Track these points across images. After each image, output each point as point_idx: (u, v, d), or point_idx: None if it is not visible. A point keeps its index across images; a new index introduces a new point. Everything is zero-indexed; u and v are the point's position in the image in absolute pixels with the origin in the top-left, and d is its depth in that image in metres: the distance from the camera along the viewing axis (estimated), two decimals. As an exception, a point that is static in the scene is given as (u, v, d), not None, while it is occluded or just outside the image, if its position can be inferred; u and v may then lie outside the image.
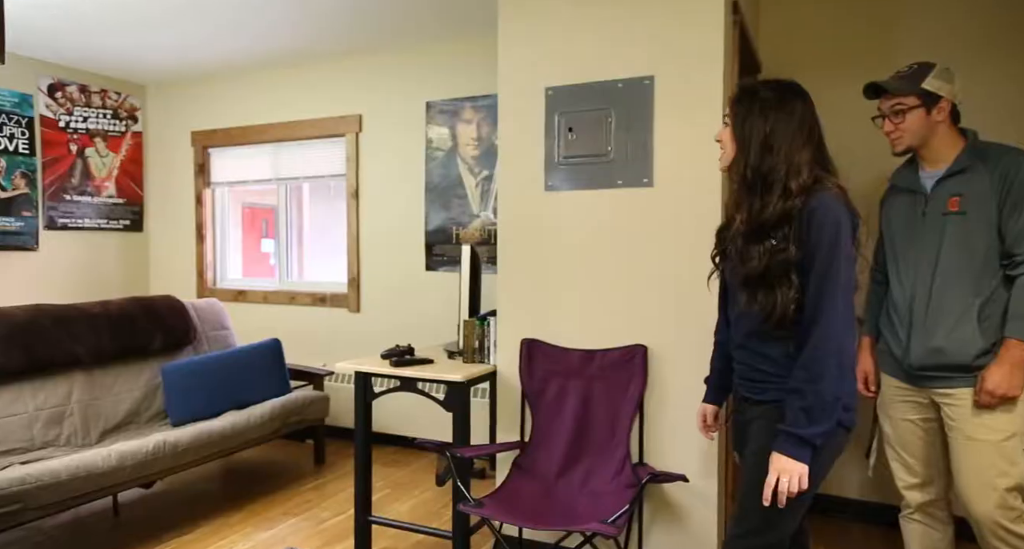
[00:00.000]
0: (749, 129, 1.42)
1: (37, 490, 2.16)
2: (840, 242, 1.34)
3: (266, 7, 3.07)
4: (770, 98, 1.42)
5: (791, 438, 1.34)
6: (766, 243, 1.39)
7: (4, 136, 3.74)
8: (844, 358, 1.36)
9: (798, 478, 1.32)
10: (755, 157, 1.41)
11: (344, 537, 2.60)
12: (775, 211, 1.38)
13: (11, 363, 2.61)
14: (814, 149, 1.42)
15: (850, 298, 1.37)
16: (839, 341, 1.34)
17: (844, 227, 1.35)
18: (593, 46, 2.24)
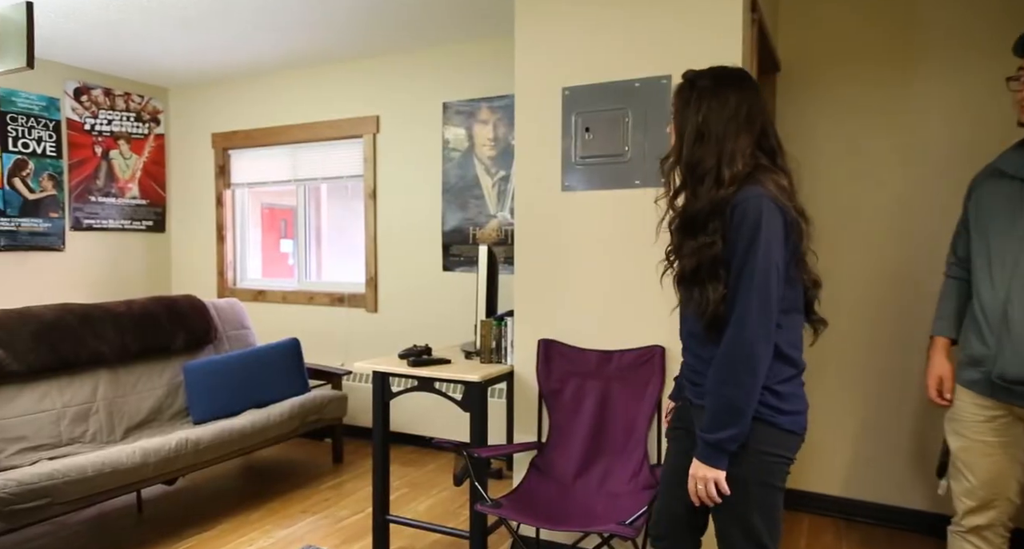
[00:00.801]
0: (684, 119, 1.38)
1: (64, 485, 2.21)
2: (758, 241, 1.27)
3: (285, 10, 3.10)
4: (706, 87, 1.37)
5: (703, 443, 1.32)
6: (699, 238, 1.34)
7: (32, 139, 3.82)
8: (755, 362, 1.28)
9: (713, 484, 1.31)
10: (688, 147, 1.36)
11: (362, 536, 2.61)
12: (705, 202, 1.33)
13: (39, 361, 2.67)
14: (754, 138, 1.35)
15: (767, 299, 1.27)
16: (749, 345, 1.27)
17: (767, 226, 1.27)
18: (610, 46, 2.23)
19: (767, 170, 1.34)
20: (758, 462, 1.32)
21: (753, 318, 1.28)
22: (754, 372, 1.28)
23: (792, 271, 1.34)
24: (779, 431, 1.33)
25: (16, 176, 3.76)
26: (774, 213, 1.28)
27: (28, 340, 2.65)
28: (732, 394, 1.29)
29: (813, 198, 2.79)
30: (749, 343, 1.28)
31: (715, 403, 1.31)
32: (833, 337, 2.75)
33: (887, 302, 2.68)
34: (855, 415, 2.74)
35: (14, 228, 3.75)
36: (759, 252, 1.27)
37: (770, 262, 1.27)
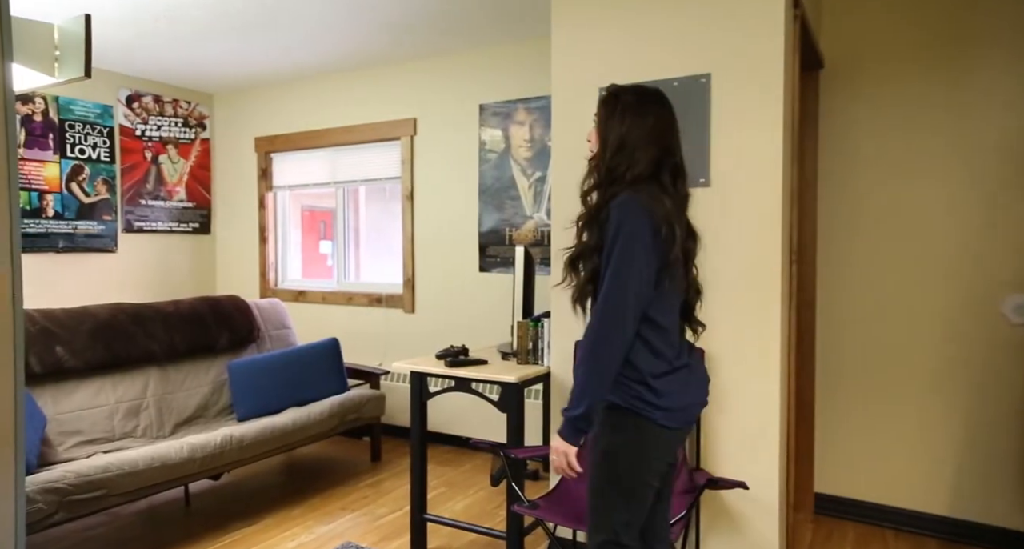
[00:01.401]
0: (608, 129, 1.51)
1: (118, 478, 2.30)
2: (618, 242, 1.38)
3: (325, 18, 3.17)
4: (630, 102, 1.51)
5: (563, 419, 1.44)
6: (590, 231, 1.48)
7: (88, 145, 3.99)
8: (601, 350, 1.38)
9: (564, 456, 1.42)
10: (610, 154, 1.49)
11: (400, 533, 2.65)
12: (601, 201, 1.48)
13: (95, 358, 2.78)
14: (659, 153, 1.48)
15: (623, 296, 1.38)
16: (596, 336, 1.39)
17: (631, 228, 1.38)
18: (648, 45, 2.21)
19: (652, 184, 1.46)
20: (628, 448, 1.44)
21: (606, 311, 1.39)
22: (598, 358, 1.39)
23: (665, 274, 1.44)
24: (653, 425, 1.43)
25: (73, 181, 3.93)
26: (640, 217, 1.40)
27: (85, 338, 2.76)
28: (584, 377, 1.40)
29: (857, 197, 2.72)
30: (600, 329, 1.40)
31: (574, 383, 1.43)
32: (873, 343, 2.68)
33: (944, 306, 2.59)
34: (908, 423, 2.66)
35: (71, 230, 3.92)
36: (620, 251, 1.39)
37: (630, 262, 1.39)
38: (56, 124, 3.84)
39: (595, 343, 1.40)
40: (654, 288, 1.42)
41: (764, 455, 2.06)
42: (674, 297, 1.49)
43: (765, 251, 2.05)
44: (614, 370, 1.40)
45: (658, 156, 1.48)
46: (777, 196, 2.03)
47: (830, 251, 2.79)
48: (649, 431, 1.43)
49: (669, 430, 1.44)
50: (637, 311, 1.40)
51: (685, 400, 1.47)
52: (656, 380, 1.42)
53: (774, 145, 2.03)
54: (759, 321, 2.06)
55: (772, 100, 2.03)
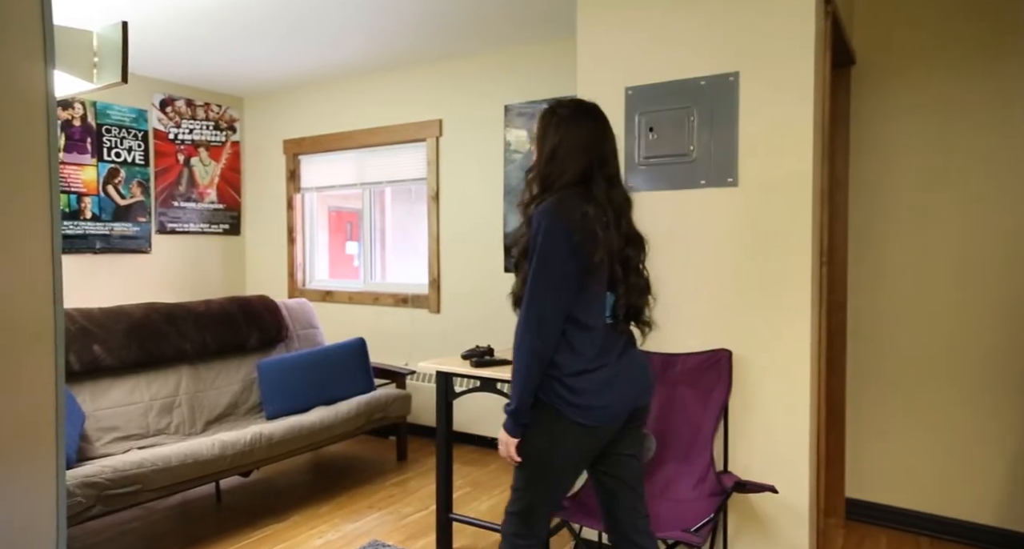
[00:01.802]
0: (544, 140, 1.60)
1: (152, 473, 2.35)
2: (537, 245, 1.47)
3: (351, 20, 3.20)
4: (564, 115, 1.60)
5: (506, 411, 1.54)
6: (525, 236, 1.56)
7: (124, 148, 4.09)
8: (522, 349, 1.48)
9: (506, 446, 1.54)
10: (544, 163, 1.59)
11: (426, 532, 2.67)
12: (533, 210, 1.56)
13: (130, 356, 2.85)
14: (589, 162, 1.56)
15: (541, 298, 1.46)
16: (521, 335, 1.48)
17: (548, 234, 1.46)
18: (675, 43, 2.20)
19: (575, 192, 1.53)
20: (541, 439, 1.53)
21: (526, 312, 1.48)
22: (519, 356, 1.49)
23: (589, 278, 1.50)
24: (564, 420, 1.50)
25: (110, 183, 4.03)
26: (556, 224, 1.47)
27: (121, 337, 2.83)
28: (513, 375, 1.51)
29: (890, 196, 2.66)
30: (521, 333, 1.49)
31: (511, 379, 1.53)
32: (906, 345, 2.62)
33: (980, 308, 2.52)
34: (943, 427, 2.60)
35: (108, 232, 4.02)
36: (538, 257, 1.48)
37: (545, 267, 1.47)
38: (94, 128, 3.95)
39: (517, 346, 1.50)
40: (577, 291, 1.49)
41: (793, 458, 2.02)
42: (601, 299, 1.55)
43: (794, 252, 2.02)
44: (536, 369, 1.48)
45: (588, 165, 1.55)
46: (807, 196, 2.00)
47: (862, 252, 2.73)
48: (562, 426, 1.51)
49: (583, 427, 1.50)
50: (555, 314, 1.48)
51: (605, 399, 1.52)
52: (572, 378, 1.49)
53: (804, 144, 2.00)
54: (788, 323, 2.03)
55: (802, 98, 2.00)
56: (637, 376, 1.60)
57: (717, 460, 2.11)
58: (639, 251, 1.62)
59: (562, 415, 1.50)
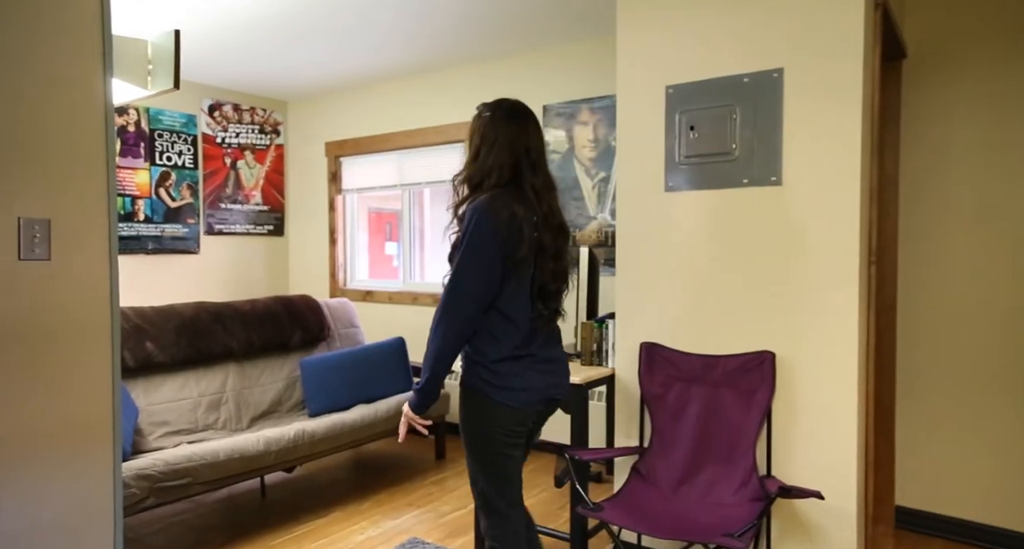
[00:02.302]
0: (471, 143, 1.70)
1: (201, 467, 2.43)
2: (463, 242, 1.58)
3: (392, 24, 3.25)
4: (495, 117, 1.68)
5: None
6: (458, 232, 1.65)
7: (174, 153, 4.24)
8: (435, 333, 1.59)
9: (405, 418, 1.71)
10: (470, 164, 1.69)
11: (465, 531, 2.68)
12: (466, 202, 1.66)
13: (180, 354, 2.95)
14: (516, 162, 1.65)
15: (460, 288, 1.58)
16: (438, 321, 1.58)
17: (476, 228, 1.56)
18: (716, 40, 2.16)
19: (506, 191, 1.63)
20: (475, 423, 1.66)
21: (447, 297, 1.59)
22: (433, 337, 1.60)
23: (512, 272, 1.60)
24: (492, 402, 1.62)
25: (161, 186, 4.18)
26: (484, 220, 1.57)
27: (171, 335, 2.93)
28: (425, 356, 1.62)
29: (942, 193, 2.57)
30: (438, 316, 1.59)
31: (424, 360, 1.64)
32: (960, 348, 2.52)
33: (1034, 308, 2.41)
34: (1000, 434, 2.50)
35: (159, 233, 4.17)
36: (464, 250, 1.58)
37: (469, 261, 1.57)
38: (147, 133, 4.10)
39: (433, 328, 1.60)
40: (500, 284, 1.60)
41: (840, 464, 1.97)
42: (524, 292, 1.65)
43: (841, 252, 1.97)
44: (448, 353, 1.60)
45: (515, 164, 1.64)
46: (855, 194, 1.95)
47: (913, 251, 2.64)
48: (492, 409, 1.63)
49: (508, 407, 1.63)
50: (473, 304, 1.58)
51: (525, 383, 1.64)
52: (496, 364, 1.62)
53: (852, 140, 1.94)
54: (835, 324, 1.97)
55: (850, 93, 1.94)
56: (554, 370, 1.72)
57: (760, 464, 2.07)
58: (562, 240, 1.74)
59: (489, 398, 1.63)
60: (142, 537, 2.66)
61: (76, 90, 1.43)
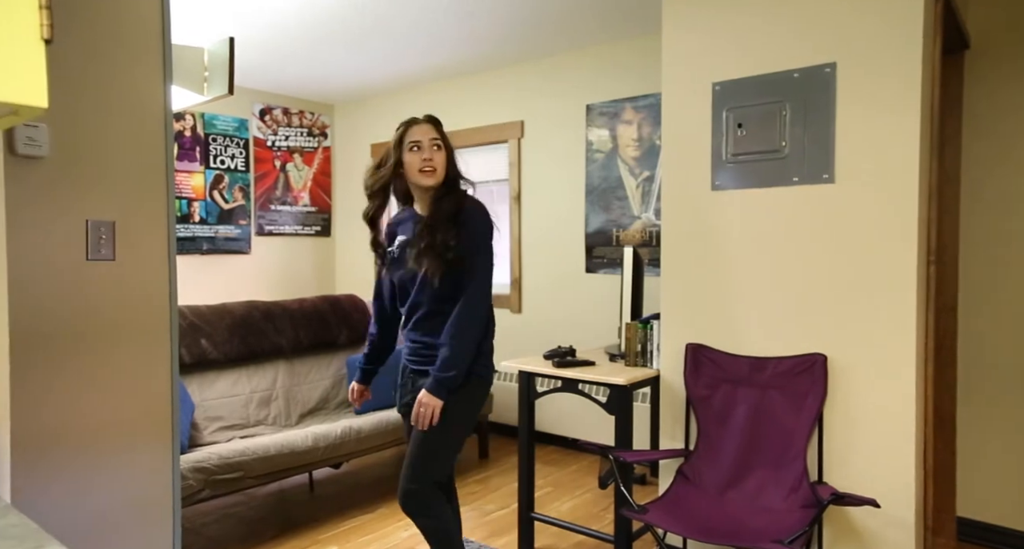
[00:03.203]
0: (449, 143, 1.94)
1: (253, 461, 2.50)
2: (483, 240, 1.86)
3: (436, 27, 3.28)
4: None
5: (434, 380, 1.78)
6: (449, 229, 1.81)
7: (227, 156, 4.38)
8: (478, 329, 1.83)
9: (432, 410, 1.77)
10: (453, 165, 1.93)
11: (507, 530, 2.69)
12: (453, 205, 1.85)
13: (233, 351, 3.05)
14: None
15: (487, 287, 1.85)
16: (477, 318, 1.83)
17: (486, 230, 1.87)
18: (765, 35, 2.11)
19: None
20: (475, 406, 1.88)
21: (483, 297, 1.84)
22: (474, 332, 1.83)
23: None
24: (486, 383, 1.92)
25: (215, 189, 4.33)
26: (489, 220, 1.89)
27: (224, 332, 3.03)
28: (461, 350, 1.79)
29: (1006, 190, 2.45)
30: (477, 314, 1.81)
31: (450, 351, 1.77)
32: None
33: None
34: (1065, 442, 2.36)
35: (213, 234, 4.32)
36: (486, 246, 1.83)
37: (488, 257, 1.86)
38: (202, 138, 4.25)
39: (468, 324, 1.78)
40: None
41: (898, 472, 1.90)
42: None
43: (898, 251, 1.90)
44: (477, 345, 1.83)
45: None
46: (913, 191, 1.87)
47: (974, 250, 2.53)
48: (484, 388, 1.90)
49: (489, 384, 1.93)
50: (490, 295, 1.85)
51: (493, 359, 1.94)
52: (489, 351, 1.91)
53: (910, 136, 1.87)
54: (891, 326, 1.90)
55: (908, 88, 1.87)
56: None
57: (811, 470, 2.01)
58: None
59: (485, 380, 1.88)
60: (198, 528, 2.76)
61: (138, 98, 1.49)
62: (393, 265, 1.96)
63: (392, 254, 1.97)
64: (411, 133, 1.92)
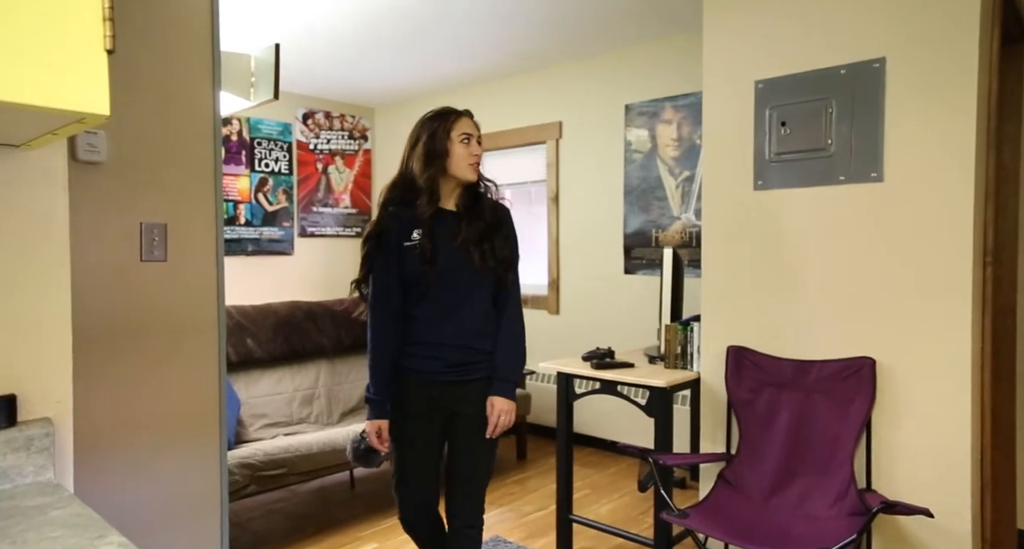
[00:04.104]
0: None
1: (296, 458, 2.56)
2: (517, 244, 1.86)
3: (473, 31, 3.30)
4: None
5: (507, 383, 1.73)
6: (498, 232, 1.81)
7: (272, 159, 4.49)
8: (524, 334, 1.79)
9: (511, 415, 1.73)
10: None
11: (546, 532, 2.69)
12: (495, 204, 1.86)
13: (277, 350, 3.12)
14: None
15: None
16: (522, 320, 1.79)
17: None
18: (810, 31, 2.06)
19: None
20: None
21: (520, 301, 1.82)
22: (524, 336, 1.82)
23: None
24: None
25: (260, 192, 4.44)
26: None
27: (269, 332, 3.11)
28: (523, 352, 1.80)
29: (1074, 189, 2.33)
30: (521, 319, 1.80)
31: (515, 354, 1.77)
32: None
33: None
34: None
35: (258, 236, 4.43)
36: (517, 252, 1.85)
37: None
38: (248, 142, 4.37)
39: (521, 329, 1.77)
40: None
41: (952, 481, 1.83)
42: None
43: (952, 252, 1.83)
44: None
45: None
46: (968, 189, 1.80)
47: (1036, 251, 2.42)
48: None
49: None
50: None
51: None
52: None
53: (965, 132, 1.80)
54: (945, 329, 1.84)
55: (964, 81, 1.80)
56: None
57: (858, 478, 1.95)
58: None
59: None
60: (243, 522, 2.83)
61: (189, 104, 1.55)
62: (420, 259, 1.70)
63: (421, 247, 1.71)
64: (462, 125, 1.79)
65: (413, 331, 1.74)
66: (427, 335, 1.72)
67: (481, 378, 1.72)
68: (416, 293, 1.73)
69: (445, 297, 1.71)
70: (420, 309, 1.72)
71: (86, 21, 0.63)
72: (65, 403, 0.97)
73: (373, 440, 1.75)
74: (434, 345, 1.71)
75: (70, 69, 0.63)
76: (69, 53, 0.63)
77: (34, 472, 0.90)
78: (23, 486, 0.89)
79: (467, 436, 1.73)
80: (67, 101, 0.63)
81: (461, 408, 1.73)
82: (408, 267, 1.72)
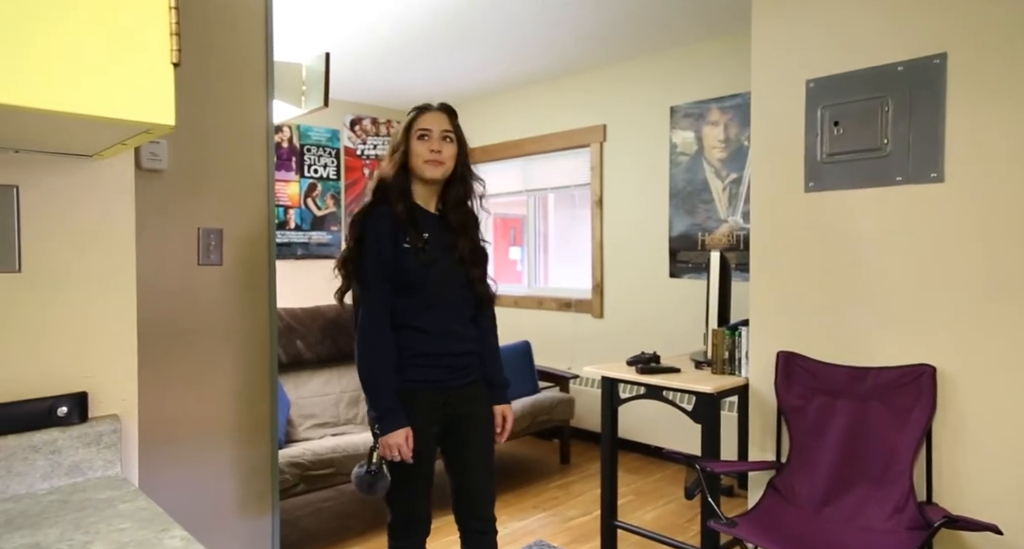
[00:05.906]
0: (464, 141, 1.81)
1: (344, 458, 2.61)
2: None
3: (525, 34, 3.32)
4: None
5: (505, 388, 1.83)
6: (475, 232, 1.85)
7: (320, 165, 4.61)
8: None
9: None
10: (465, 164, 1.80)
11: (590, 537, 2.67)
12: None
13: (324, 351, 3.20)
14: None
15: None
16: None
17: None
18: (864, 27, 2.00)
19: None
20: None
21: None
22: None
23: None
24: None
25: (309, 197, 4.56)
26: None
27: (317, 334, 3.18)
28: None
29: None
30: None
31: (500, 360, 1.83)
32: None
33: None
34: None
35: (307, 240, 4.55)
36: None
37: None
38: (298, 148, 4.49)
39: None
40: None
41: (1022, 496, 1.74)
42: None
43: (1019, 255, 1.74)
44: None
45: None
46: (1037, 189, 1.72)
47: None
48: None
49: None
50: None
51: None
52: None
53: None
54: (1012, 336, 1.75)
55: (1030, 77, 1.72)
56: None
57: (918, 490, 1.87)
58: None
59: None
60: (294, 519, 2.90)
61: (244, 114, 1.60)
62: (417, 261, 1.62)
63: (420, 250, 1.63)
64: (421, 120, 1.70)
65: (417, 341, 1.63)
66: (430, 346, 1.64)
67: (478, 377, 1.77)
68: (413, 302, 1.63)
69: (442, 302, 1.66)
70: (421, 319, 1.63)
71: (155, 36, 0.67)
72: (131, 400, 1.02)
73: (402, 450, 1.61)
74: (439, 355, 1.65)
75: (140, 82, 0.66)
76: (139, 67, 0.66)
77: (103, 466, 0.95)
78: (93, 479, 0.94)
79: (478, 436, 1.76)
80: (136, 113, 0.67)
81: (469, 409, 1.73)
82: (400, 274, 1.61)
